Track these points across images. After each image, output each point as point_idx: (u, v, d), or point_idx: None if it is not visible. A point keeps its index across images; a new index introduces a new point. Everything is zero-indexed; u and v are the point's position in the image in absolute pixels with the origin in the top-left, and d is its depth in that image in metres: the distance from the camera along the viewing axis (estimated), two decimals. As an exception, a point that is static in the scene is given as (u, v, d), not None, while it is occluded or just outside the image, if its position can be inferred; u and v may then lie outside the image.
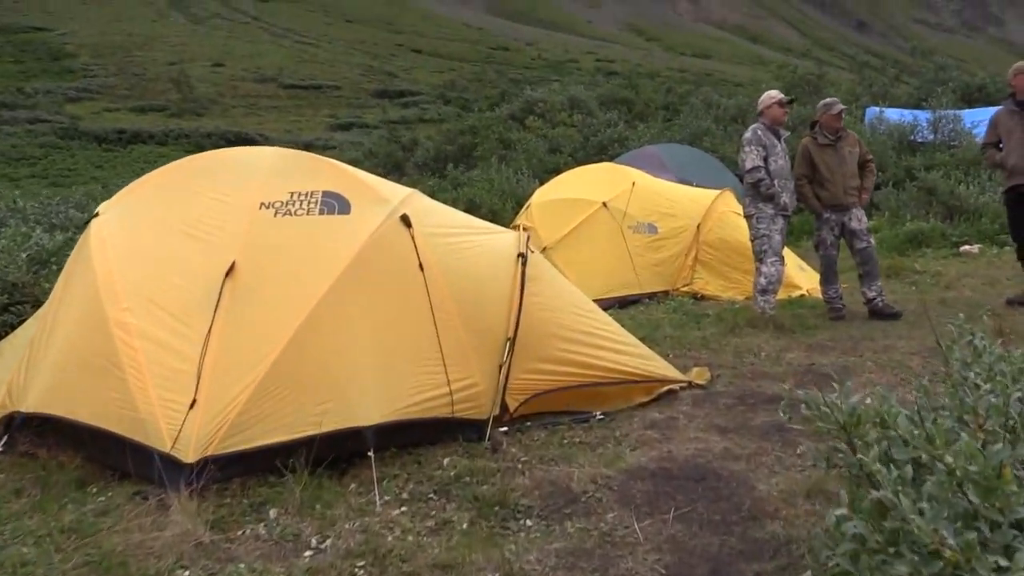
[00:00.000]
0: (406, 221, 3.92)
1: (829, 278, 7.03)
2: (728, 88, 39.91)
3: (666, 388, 4.31)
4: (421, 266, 3.83)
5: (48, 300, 4.41)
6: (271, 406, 3.35)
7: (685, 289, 8.68)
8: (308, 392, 3.43)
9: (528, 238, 4.21)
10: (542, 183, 14.94)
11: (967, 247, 11.20)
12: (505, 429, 3.93)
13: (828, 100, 7.03)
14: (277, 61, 60.66)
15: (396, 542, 2.92)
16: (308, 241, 3.80)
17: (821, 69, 26.08)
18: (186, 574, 2.75)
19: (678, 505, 3.11)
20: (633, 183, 9.23)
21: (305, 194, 3.92)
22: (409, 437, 3.74)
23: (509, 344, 3.87)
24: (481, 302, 3.93)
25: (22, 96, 45.55)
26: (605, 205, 8.92)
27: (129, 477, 3.49)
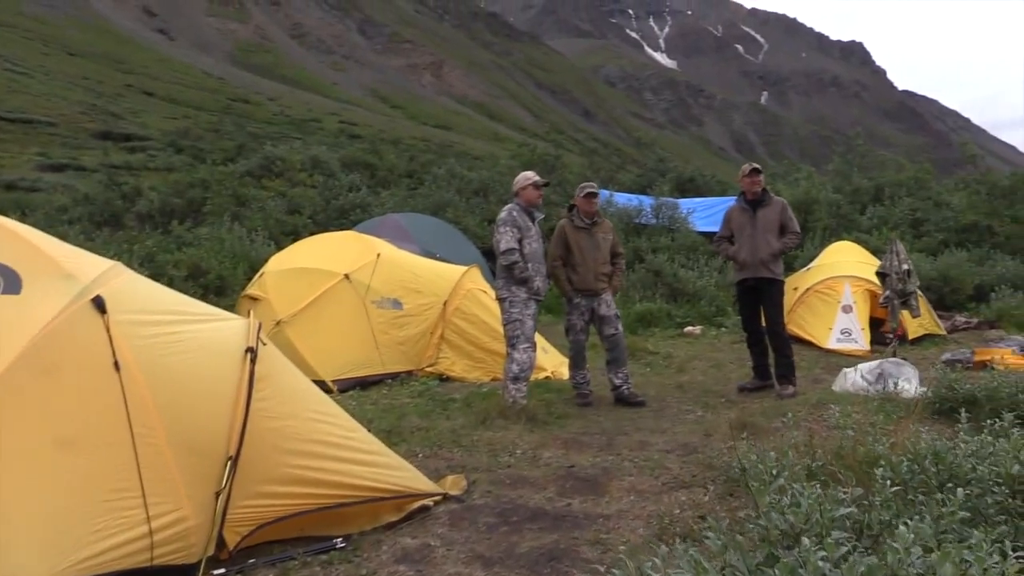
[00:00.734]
0: (100, 306, 3.03)
1: (577, 363, 6.91)
2: (468, 160, 41.11)
3: (419, 504, 3.71)
4: (117, 365, 2.95)
5: None
6: None
7: (430, 369, 8.21)
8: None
9: (260, 327, 3.46)
10: (279, 246, 13.96)
11: (690, 328, 11.91)
12: (222, 571, 3.10)
13: (584, 183, 7.03)
14: (-22, 88, 53.26)
15: None
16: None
17: (558, 150, 27.57)
18: None
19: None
20: (378, 255, 8.69)
21: (-46, 264, 2.91)
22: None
23: (230, 465, 3.07)
24: (196, 412, 3.11)
25: None
26: (347, 277, 8.28)
27: None
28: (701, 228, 18.62)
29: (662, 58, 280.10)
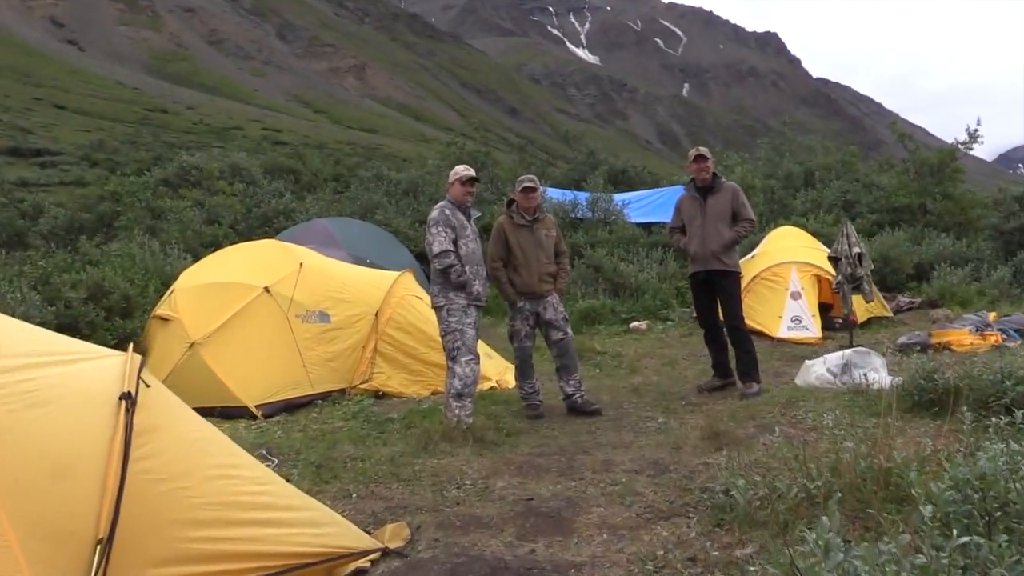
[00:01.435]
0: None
1: (525, 372, 6.34)
2: (396, 162, 40.18)
3: (353, 568, 3.07)
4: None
5: None
6: None
7: (364, 386, 7.53)
8: None
9: (142, 364, 2.77)
10: (197, 259, 13.00)
11: (636, 324, 11.47)
12: None
13: (522, 176, 6.44)
14: None
15: None
16: None
17: (487, 147, 26.99)
18: None
19: None
20: (301, 264, 7.96)
21: None
22: None
23: (100, 550, 2.38)
24: (52, 483, 2.40)
25: None
26: (267, 290, 7.54)
27: None
28: (637, 219, 18.27)
29: (584, 54, 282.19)
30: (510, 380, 7.57)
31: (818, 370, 6.47)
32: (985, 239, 15.04)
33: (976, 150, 19.18)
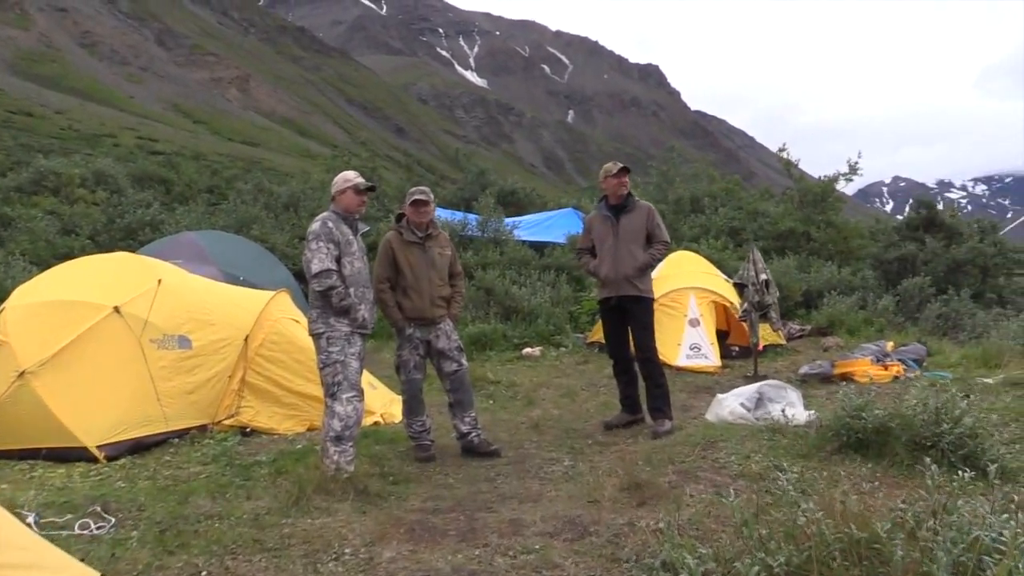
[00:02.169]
0: None
1: (414, 408, 5.61)
2: (278, 176, 38.56)
3: None
4: None
5: None
6: None
7: (229, 422, 6.60)
8: None
9: None
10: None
11: (528, 350, 10.92)
12: None
13: (413, 188, 5.72)
14: None
15: None
16: None
17: (373, 162, 26.07)
18: None
19: None
20: (159, 281, 6.97)
21: None
22: None
23: None
24: None
25: None
26: (117, 310, 6.52)
27: None
28: (528, 239, 17.84)
29: (472, 77, 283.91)
30: (396, 413, 6.83)
31: (731, 404, 6.03)
32: (867, 268, 15.36)
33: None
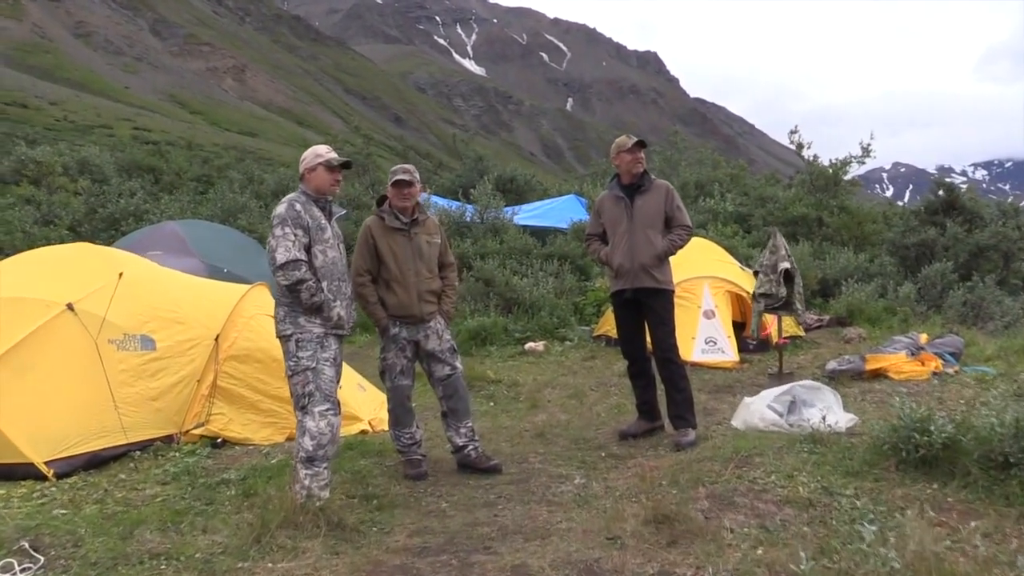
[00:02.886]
0: None
1: (401, 418, 4.91)
2: (273, 166, 37.76)
3: None
4: None
5: None
6: None
7: (198, 432, 5.91)
8: None
9: None
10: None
11: (531, 344, 10.23)
12: None
13: (396, 167, 4.98)
14: None
15: None
16: None
17: (368, 149, 25.28)
18: None
19: None
20: (120, 274, 6.27)
21: None
22: None
23: None
24: None
25: None
26: (71, 308, 5.83)
27: None
28: (527, 223, 17.10)
29: (471, 65, 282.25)
30: (387, 418, 6.15)
31: (759, 408, 5.33)
32: (884, 254, 14.62)
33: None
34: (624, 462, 4.76)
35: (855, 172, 18.47)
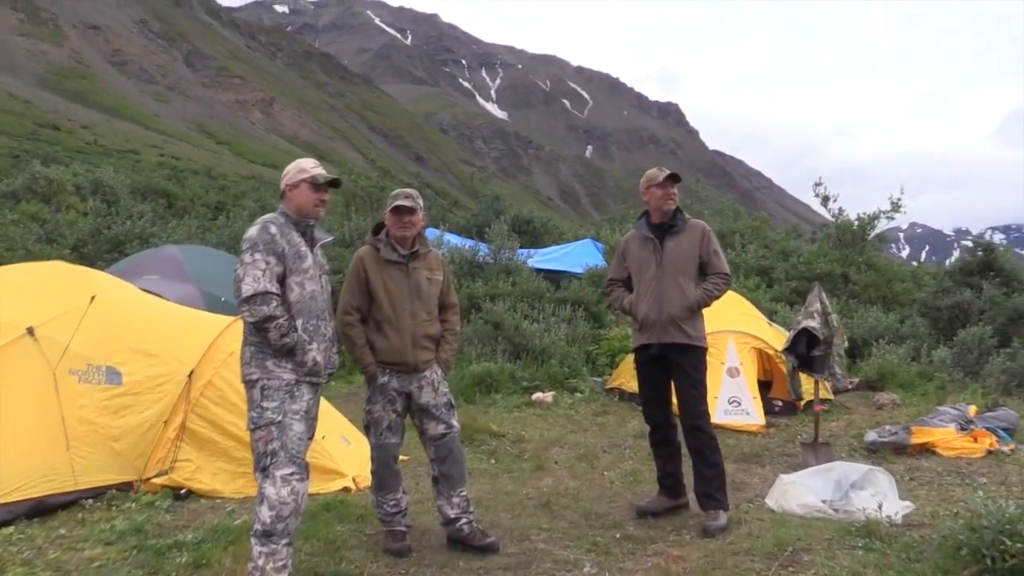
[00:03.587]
0: None
1: (386, 482, 4.22)
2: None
3: None
4: None
5: None
6: None
7: (160, 481, 5.26)
8: None
9: None
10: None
11: (540, 395, 9.53)
12: None
13: (398, 191, 4.37)
14: None
15: None
16: None
17: (384, 182, 24.88)
18: None
19: None
20: (93, 297, 5.70)
21: None
22: None
23: None
24: None
25: None
26: (31, 332, 5.27)
27: None
28: (541, 266, 16.53)
29: (493, 108, 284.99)
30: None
31: (799, 491, 4.62)
32: (915, 315, 13.88)
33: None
34: (643, 547, 4.05)
35: (872, 231, 17.80)
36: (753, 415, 8.11)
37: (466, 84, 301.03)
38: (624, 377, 9.57)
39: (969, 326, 12.64)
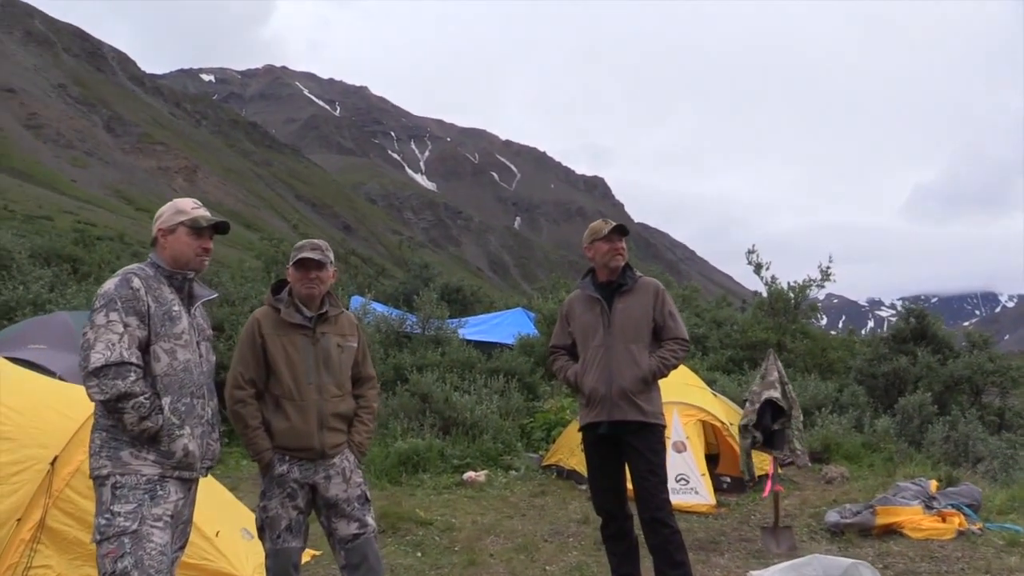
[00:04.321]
0: None
1: (285, 594, 3.42)
2: (215, 266, 36.08)
3: None
4: None
5: None
6: None
7: (8, 594, 4.31)
8: None
9: None
10: None
11: (471, 474, 8.77)
12: None
13: (303, 242, 3.67)
14: None
15: None
16: None
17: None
18: None
19: None
20: (-60, 372, 4.78)
21: None
22: None
23: None
24: None
25: None
26: None
27: None
28: (472, 337, 15.95)
29: (422, 180, 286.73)
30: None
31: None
32: (853, 383, 13.67)
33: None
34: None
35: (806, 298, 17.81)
36: (703, 494, 7.52)
37: (395, 155, 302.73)
38: (562, 453, 8.91)
39: (907, 393, 12.47)
